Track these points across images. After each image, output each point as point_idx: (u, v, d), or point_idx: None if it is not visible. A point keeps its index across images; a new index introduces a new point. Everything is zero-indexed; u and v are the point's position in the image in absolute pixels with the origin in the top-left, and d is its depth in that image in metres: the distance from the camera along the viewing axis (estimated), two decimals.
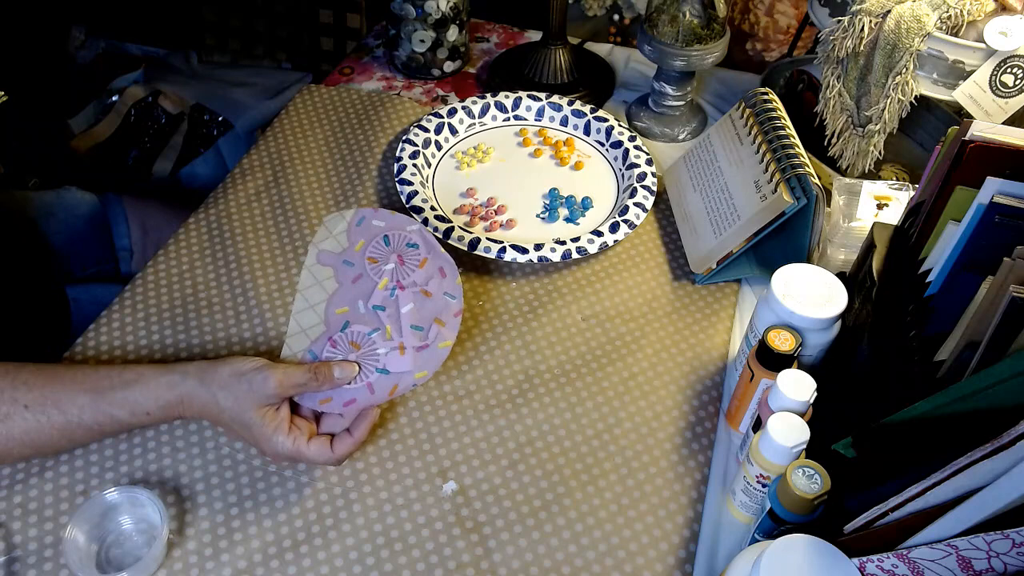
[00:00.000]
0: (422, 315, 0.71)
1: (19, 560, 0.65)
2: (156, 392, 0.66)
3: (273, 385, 0.64)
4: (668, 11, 0.98)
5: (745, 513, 0.69)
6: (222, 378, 0.65)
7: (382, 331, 0.70)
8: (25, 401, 0.64)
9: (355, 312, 0.71)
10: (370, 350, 0.70)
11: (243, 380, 0.65)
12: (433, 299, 0.71)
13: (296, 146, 1.02)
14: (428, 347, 0.70)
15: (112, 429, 0.67)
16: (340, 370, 0.68)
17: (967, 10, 0.82)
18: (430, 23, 1.10)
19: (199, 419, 0.72)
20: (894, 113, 0.87)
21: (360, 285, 0.73)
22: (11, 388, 0.64)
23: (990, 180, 0.60)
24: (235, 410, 0.65)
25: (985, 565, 0.46)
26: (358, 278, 0.73)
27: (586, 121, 1.04)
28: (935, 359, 0.62)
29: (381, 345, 0.70)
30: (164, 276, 0.86)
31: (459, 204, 0.95)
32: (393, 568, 0.66)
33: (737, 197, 0.88)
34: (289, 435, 0.65)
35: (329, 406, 0.68)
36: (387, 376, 0.69)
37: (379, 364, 0.69)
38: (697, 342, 0.83)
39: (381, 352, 0.69)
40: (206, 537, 0.67)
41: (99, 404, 0.65)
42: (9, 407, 0.64)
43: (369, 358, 0.69)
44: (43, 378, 0.65)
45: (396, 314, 0.71)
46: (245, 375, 0.65)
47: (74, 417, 0.65)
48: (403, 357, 0.69)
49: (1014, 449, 0.46)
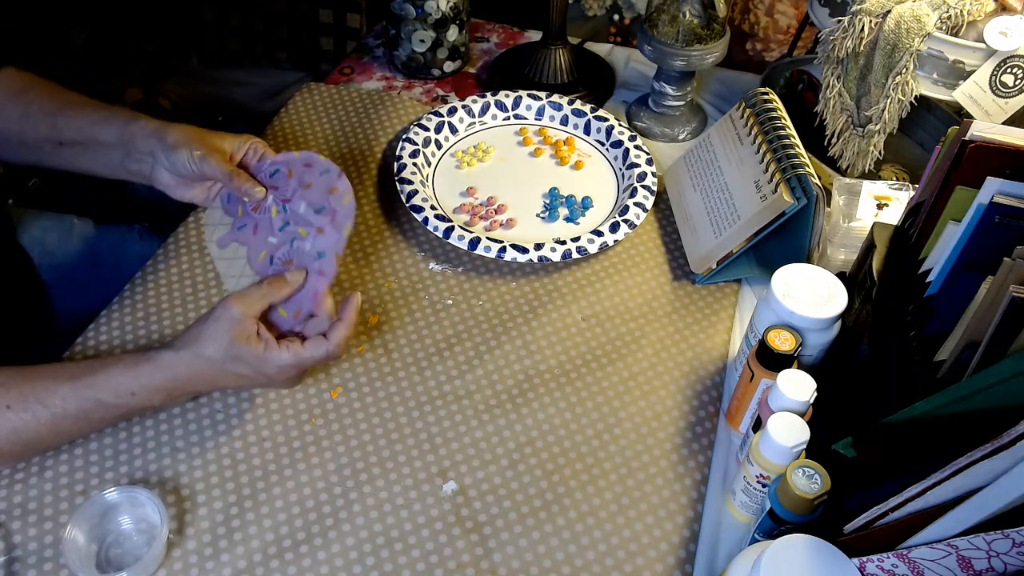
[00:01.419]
0: (314, 199, 0.74)
1: (19, 560, 0.65)
2: (137, 371, 0.66)
3: (236, 308, 0.66)
4: (668, 11, 0.98)
5: (745, 513, 0.69)
6: (192, 335, 0.67)
7: (297, 235, 0.73)
8: (7, 402, 0.64)
9: (272, 246, 0.74)
10: (300, 253, 0.73)
11: (209, 321, 0.66)
12: (315, 186, 0.75)
13: (296, 144, 1.02)
14: (337, 212, 0.73)
15: (100, 415, 0.67)
16: (291, 274, 0.71)
17: (967, 10, 0.82)
18: (430, 23, 1.10)
19: (195, 394, 0.73)
20: (894, 113, 0.87)
21: (261, 230, 0.76)
22: None
23: (990, 180, 0.60)
24: (220, 350, 0.66)
25: (985, 565, 0.46)
26: (256, 228, 0.76)
27: (586, 120, 1.04)
28: (935, 359, 0.62)
29: (304, 242, 0.73)
30: (163, 275, 0.86)
31: (459, 203, 0.95)
32: (393, 568, 0.66)
33: (737, 197, 0.88)
34: (282, 346, 0.67)
35: (300, 315, 0.70)
36: (326, 256, 0.72)
37: (313, 254, 0.72)
38: (697, 342, 0.83)
39: (308, 247, 0.72)
40: (206, 537, 0.67)
41: (79, 390, 0.65)
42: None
43: (304, 257, 0.72)
44: (21, 378, 0.65)
45: (297, 217, 0.74)
46: (208, 318, 0.67)
47: (58, 409, 0.65)
48: (325, 234, 0.72)
49: (1014, 449, 0.46)
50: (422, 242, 0.91)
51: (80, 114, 0.76)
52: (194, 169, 0.73)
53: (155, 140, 0.73)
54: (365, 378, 0.78)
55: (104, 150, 0.75)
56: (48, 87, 0.78)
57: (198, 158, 0.72)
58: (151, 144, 0.74)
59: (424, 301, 0.85)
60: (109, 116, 0.75)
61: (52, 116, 0.75)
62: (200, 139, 0.73)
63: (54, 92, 0.77)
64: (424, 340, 0.82)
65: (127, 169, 0.76)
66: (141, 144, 0.74)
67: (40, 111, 0.75)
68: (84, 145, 0.75)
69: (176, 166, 0.73)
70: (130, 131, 0.74)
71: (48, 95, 0.77)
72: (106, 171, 0.77)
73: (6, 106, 0.76)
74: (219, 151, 0.74)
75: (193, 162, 0.72)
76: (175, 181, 0.75)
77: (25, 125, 0.75)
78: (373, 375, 0.78)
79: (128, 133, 0.74)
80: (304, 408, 0.76)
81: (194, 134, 0.74)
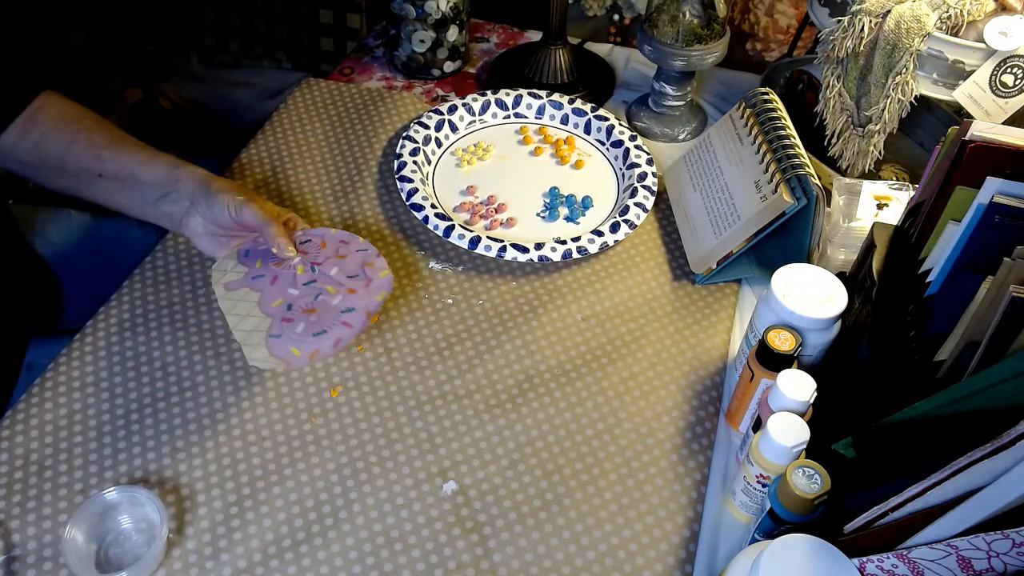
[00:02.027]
0: (348, 267, 0.74)
1: (19, 559, 0.65)
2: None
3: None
4: (668, 11, 0.98)
5: (745, 513, 0.69)
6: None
7: (324, 292, 0.73)
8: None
9: (291, 296, 0.73)
10: (326, 306, 0.72)
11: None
12: (350, 258, 0.75)
13: (295, 141, 1.02)
14: (372, 280, 0.73)
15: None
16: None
17: (967, 10, 0.82)
18: (430, 23, 1.10)
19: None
20: (894, 113, 0.87)
21: (280, 281, 0.74)
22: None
23: (990, 180, 0.60)
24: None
25: (985, 565, 0.46)
26: (275, 279, 0.74)
27: (587, 120, 1.04)
28: (935, 359, 0.62)
29: (332, 298, 0.72)
30: (163, 274, 0.86)
31: (459, 202, 0.95)
32: (393, 568, 0.66)
33: (737, 197, 0.88)
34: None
35: (316, 357, 0.70)
36: (356, 311, 0.71)
37: (342, 308, 0.72)
38: (697, 342, 0.83)
39: (335, 302, 0.72)
40: (206, 537, 0.67)
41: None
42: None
43: (330, 310, 0.72)
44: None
45: (327, 278, 0.74)
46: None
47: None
48: (357, 294, 0.72)
49: (1014, 449, 0.46)
50: (422, 241, 0.91)
51: (127, 151, 0.77)
52: (233, 215, 0.73)
53: (200, 184, 0.74)
54: (365, 377, 0.78)
55: (142, 188, 0.76)
56: (97, 120, 0.79)
57: (239, 203, 0.73)
58: (195, 187, 0.75)
59: (424, 300, 0.85)
60: (155, 158, 0.77)
61: (99, 148, 0.76)
62: (244, 191, 0.75)
63: (104, 126, 0.78)
64: (424, 340, 0.82)
65: (161, 210, 0.77)
66: (184, 187, 0.75)
67: (88, 141, 0.76)
68: (123, 181, 0.76)
69: (214, 211, 0.74)
70: (176, 173, 0.75)
71: (98, 128, 0.78)
72: (138, 209, 0.78)
73: (55, 132, 0.76)
74: (266, 209, 0.75)
75: (234, 207, 0.73)
76: (205, 229, 0.76)
77: (69, 153, 0.76)
78: (373, 375, 0.78)
79: (174, 175, 0.75)
80: (304, 407, 0.76)
81: (240, 187, 0.75)
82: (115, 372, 0.77)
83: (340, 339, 0.70)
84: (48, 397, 0.75)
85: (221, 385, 0.77)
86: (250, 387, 0.77)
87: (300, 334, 0.70)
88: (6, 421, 0.73)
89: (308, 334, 0.70)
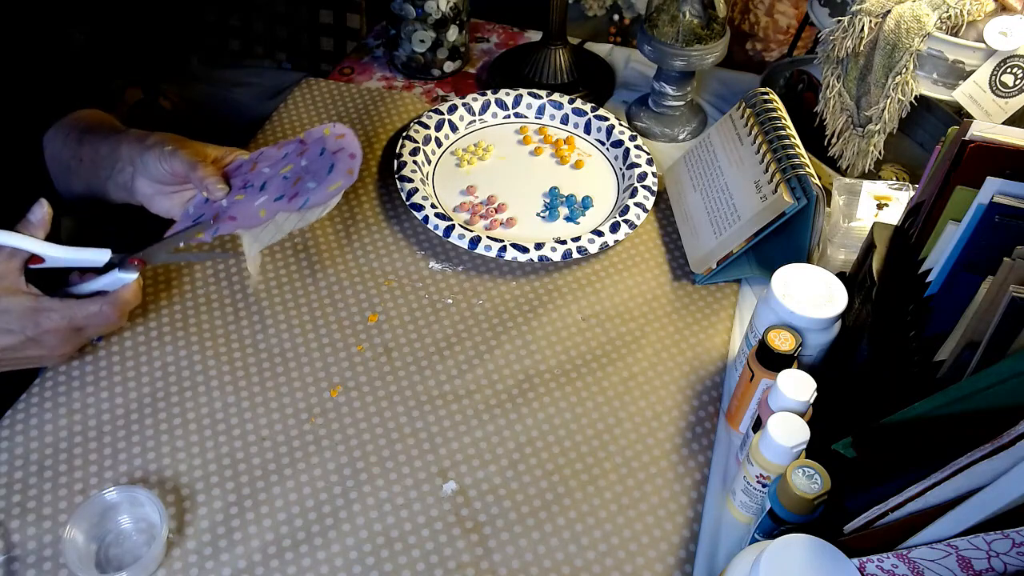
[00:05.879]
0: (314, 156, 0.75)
1: (18, 559, 0.65)
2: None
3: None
4: (668, 11, 0.98)
5: (745, 513, 0.69)
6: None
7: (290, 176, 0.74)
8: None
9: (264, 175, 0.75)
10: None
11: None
12: (311, 149, 0.76)
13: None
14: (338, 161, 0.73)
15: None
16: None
17: (967, 10, 0.82)
18: (430, 23, 1.10)
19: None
20: (894, 113, 0.87)
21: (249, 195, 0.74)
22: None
23: (990, 180, 0.60)
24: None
25: (985, 565, 0.46)
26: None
27: (587, 120, 1.04)
28: (935, 359, 0.62)
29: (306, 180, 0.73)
30: (162, 272, 0.86)
31: (459, 202, 0.94)
32: (393, 568, 0.66)
33: (737, 197, 0.88)
34: (53, 300, 0.65)
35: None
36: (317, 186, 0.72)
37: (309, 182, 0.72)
38: (697, 342, 0.83)
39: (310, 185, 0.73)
40: (206, 537, 0.67)
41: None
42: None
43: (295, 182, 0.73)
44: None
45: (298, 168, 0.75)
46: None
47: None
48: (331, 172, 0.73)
49: (1014, 449, 0.46)
50: (422, 241, 0.91)
51: (98, 131, 0.75)
52: (164, 168, 0.71)
53: (136, 143, 0.72)
54: (365, 377, 0.78)
55: (101, 165, 0.74)
56: (95, 113, 0.77)
57: (168, 153, 0.70)
58: (130, 149, 0.72)
59: (424, 300, 0.85)
60: (112, 133, 0.74)
61: (80, 133, 0.75)
62: (179, 141, 0.72)
63: (97, 117, 0.77)
64: (424, 340, 0.82)
65: (116, 183, 0.74)
66: (124, 152, 0.72)
67: (75, 130, 0.75)
68: (93, 162, 0.74)
69: (148, 167, 0.71)
70: (118, 139, 0.73)
71: (88, 117, 0.76)
72: (103, 189, 0.75)
73: (59, 135, 0.75)
74: (198, 153, 0.72)
75: (163, 158, 0.70)
76: (153, 189, 0.74)
77: (64, 146, 0.75)
78: (373, 374, 0.78)
79: (116, 143, 0.73)
80: (304, 408, 0.76)
81: (172, 137, 0.72)
82: (115, 372, 0.77)
83: (298, 194, 0.71)
84: (48, 397, 0.75)
85: (221, 385, 0.77)
86: (250, 387, 0.77)
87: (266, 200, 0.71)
88: (6, 421, 0.73)
89: (271, 199, 0.72)
